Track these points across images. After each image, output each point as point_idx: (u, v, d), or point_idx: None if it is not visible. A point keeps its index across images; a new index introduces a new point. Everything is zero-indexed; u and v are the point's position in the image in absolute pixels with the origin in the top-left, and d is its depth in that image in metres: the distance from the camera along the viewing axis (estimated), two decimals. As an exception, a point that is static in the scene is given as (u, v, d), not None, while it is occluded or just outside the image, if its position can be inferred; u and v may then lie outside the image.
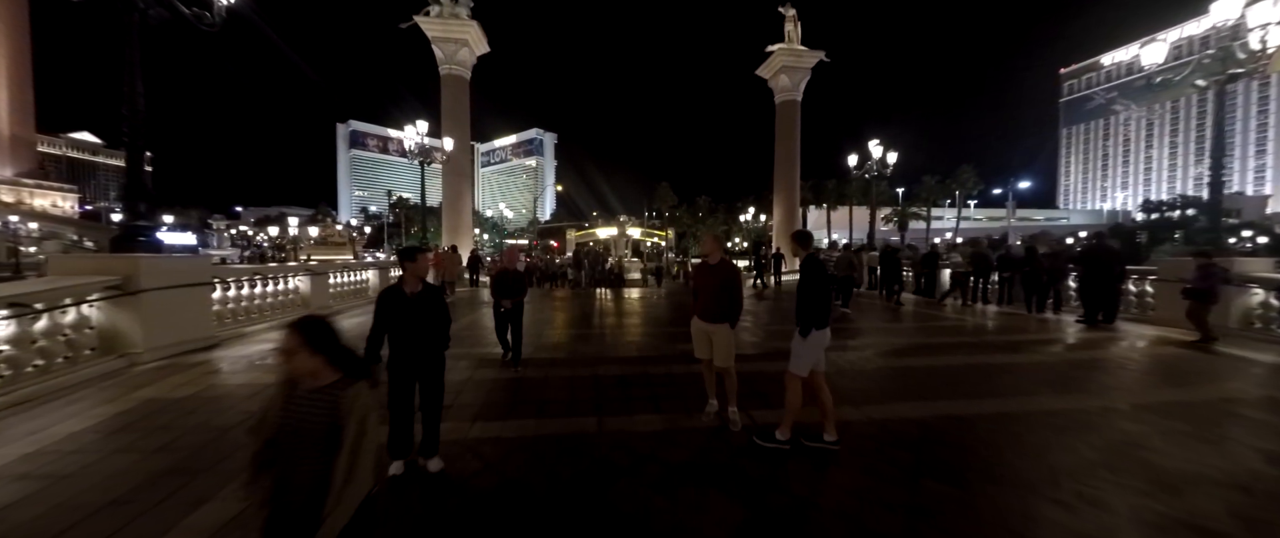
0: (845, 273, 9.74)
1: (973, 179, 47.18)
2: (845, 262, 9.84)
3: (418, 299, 2.89)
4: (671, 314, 9.59)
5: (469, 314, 9.15)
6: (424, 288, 2.94)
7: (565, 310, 10.10)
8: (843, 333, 7.35)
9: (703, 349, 3.87)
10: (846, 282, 9.64)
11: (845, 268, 9.69)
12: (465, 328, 7.77)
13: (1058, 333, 7.38)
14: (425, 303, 2.90)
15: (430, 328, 2.93)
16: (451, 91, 23.99)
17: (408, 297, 2.88)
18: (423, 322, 2.89)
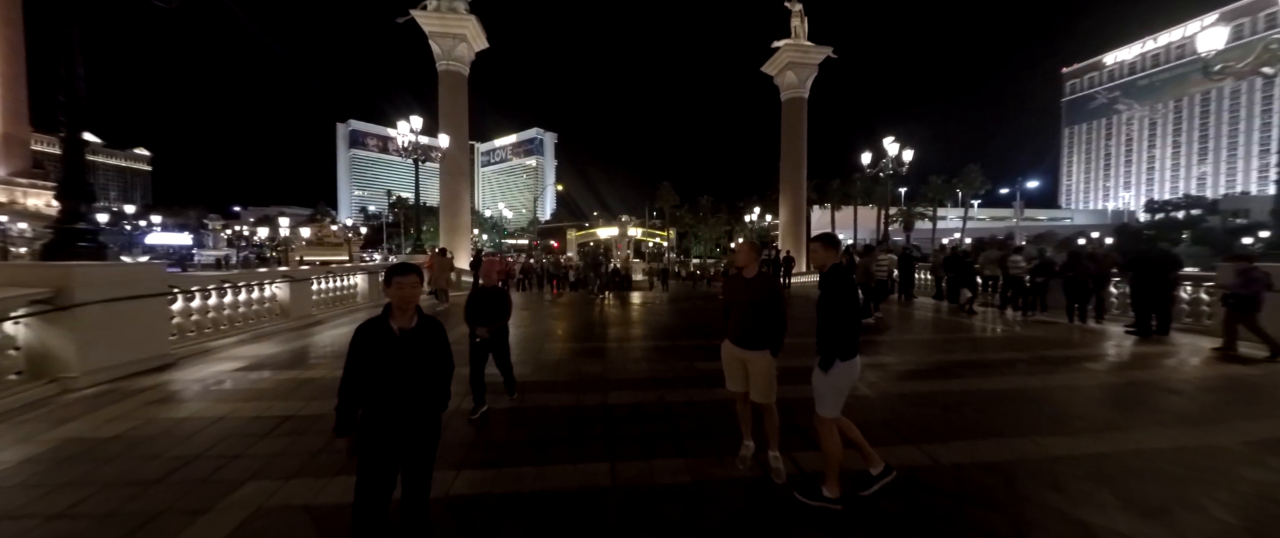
0: (862, 280, 9.06)
1: (979, 179, 46.48)
2: (862, 268, 9.16)
3: (409, 340, 2.04)
4: (682, 323, 8.92)
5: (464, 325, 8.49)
6: (419, 322, 2.09)
7: (567, 320, 9.42)
8: (875, 347, 6.65)
9: (736, 380, 3.18)
10: (881, 288, 8.98)
11: (862, 275, 9.01)
12: (458, 341, 7.11)
13: (1116, 347, 6.68)
14: (420, 345, 2.06)
15: (425, 381, 2.08)
16: (449, 88, 23.33)
17: (395, 336, 2.03)
18: (415, 372, 2.04)
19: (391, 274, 2.07)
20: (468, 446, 3.38)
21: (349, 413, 2.02)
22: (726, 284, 3.31)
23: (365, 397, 2.02)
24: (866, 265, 9.38)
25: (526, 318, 9.46)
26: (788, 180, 29.04)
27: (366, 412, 2.02)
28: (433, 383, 2.12)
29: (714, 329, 8.11)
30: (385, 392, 2.00)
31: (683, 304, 12.71)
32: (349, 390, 2.02)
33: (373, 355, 2.00)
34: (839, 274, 2.82)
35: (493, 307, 4.06)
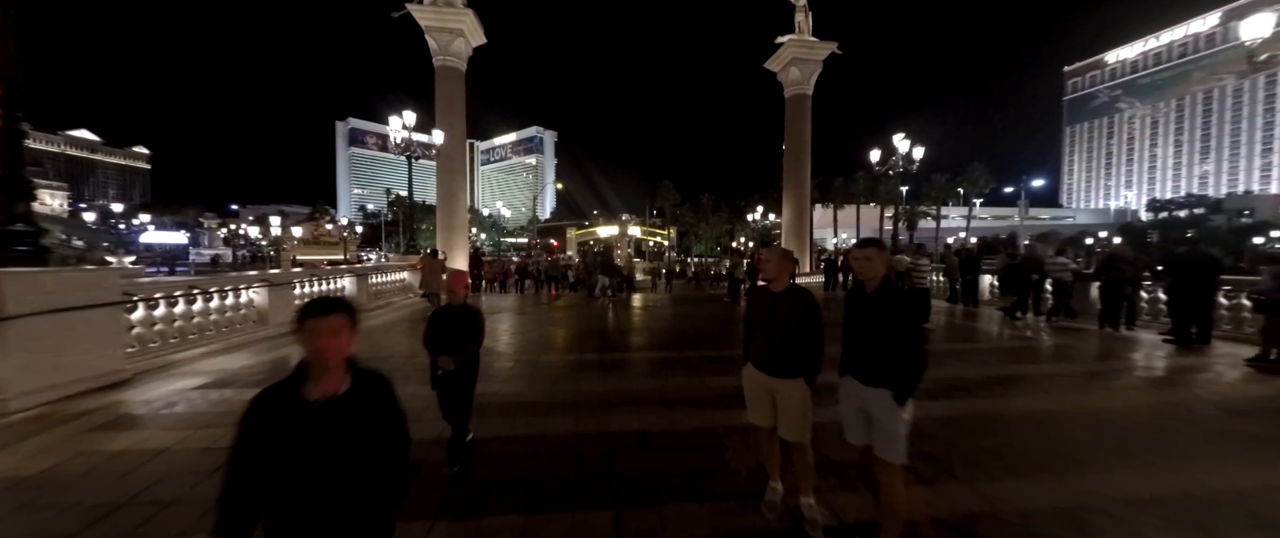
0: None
1: (984, 177, 45.96)
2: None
3: (333, 415, 1.32)
4: (689, 329, 8.41)
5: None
6: (353, 386, 1.39)
7: (565, 326, 8.92)
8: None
9: (762, 412, 2.68)
10: (923, 297, 8.47)
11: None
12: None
13: (1162, 359, 6.18)
14: (351, 421, 1.35)
15: (362, 475, 1.35)
16: (446, 84, 22.76)
17: (310, 410, 1.30)
18: (344, 463, 1.32)
19: (304, 315, 1.33)
20: (443, 489, 2.88)
21: (234, 528, 1.26)
22: (753, 301, 2.80)
23: (266, 508, 1.28)
24: (896, 269, 8.89)
25: (521, 325, 9.00)
26: (791, 178, 28.50)
27: (271, 529, 1.29)
28: (375, 477, 1.37)
29: (723, 338, 7.63)
30: (297, 498, 1.27)
31: (688, 307, 12.28)
32: (234, 502, 1.26)
33: (275, 443, 1.27)
34: (899, 289, 2.36)
35: (460, 330, 3.11)
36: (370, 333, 7.80)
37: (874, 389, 2.28)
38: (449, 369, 3.00)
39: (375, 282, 11.16)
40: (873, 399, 2.28)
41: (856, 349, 2.38)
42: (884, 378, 2.25)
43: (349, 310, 1.41)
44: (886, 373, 2.25)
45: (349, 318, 1.40)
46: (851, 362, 2.41)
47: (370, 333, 7.80)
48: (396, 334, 7.76)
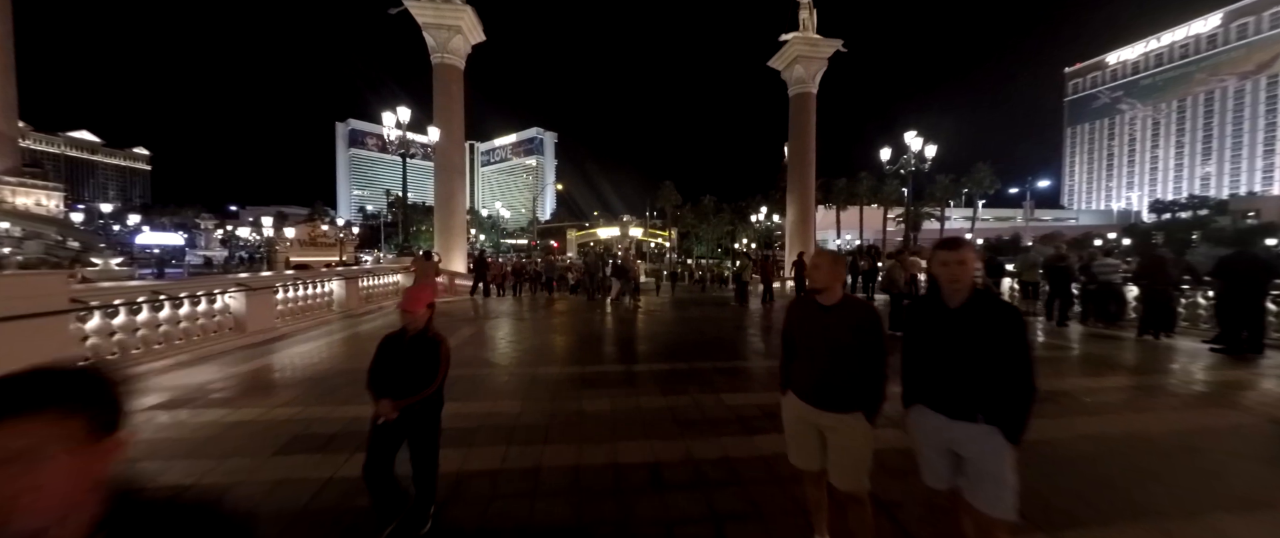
0: (899, 289, 8.02)
1: (989, 178, 45.49)
2: (908, 275, 8.13)
3: None
4: (696, 336, 7.93)
5: (448, 339, 7.47)
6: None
7: (564, 334, 8.42)
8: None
9: (806, 453, 2.18)
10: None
11: (907, 283, 7.98)
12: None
13: (1222, 370, 5.66)
14: None
15: None
16: (444, 82, 22.32)
17: None
18: None
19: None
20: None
21: None
22: (794, 314, 2.28)
23: None
24: (913, 271, 8.37)
25: (518, 331, 8.49)
26: (795, 179, 28.03)
27: None
28: None
29: (735, 346, 7.12)
30: None
31: (693, 311, 11.78)
32: None
33: None
34: (1001, 301, 1.86)
35: (413, 365, 2.29)
36: (356, 340, 7.31)
37: (970, 425, 1.77)
38: (390, 418, 2.19)
39: (367, 285, 10.66)
40: (967, 438, 1.78)
41: (938, 374, 1.87)
42: (986, 411, 1.75)
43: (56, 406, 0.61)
44: (989, 404, 1.75)
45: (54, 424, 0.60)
46: (929, 389, 1.91)
47: (356, 340, 7.31)
48: None
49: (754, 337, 8.03)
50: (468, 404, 4.28)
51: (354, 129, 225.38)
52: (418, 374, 2.29)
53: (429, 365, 2.32)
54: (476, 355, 6.27)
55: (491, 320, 9.87)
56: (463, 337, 7.60)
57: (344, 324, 8.51)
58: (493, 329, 8.58)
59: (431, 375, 2.31)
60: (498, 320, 9.77)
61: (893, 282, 7.81)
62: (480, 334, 7.94)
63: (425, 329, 2.39)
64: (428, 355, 2.34)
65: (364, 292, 10.44)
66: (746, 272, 12.71)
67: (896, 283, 7.87)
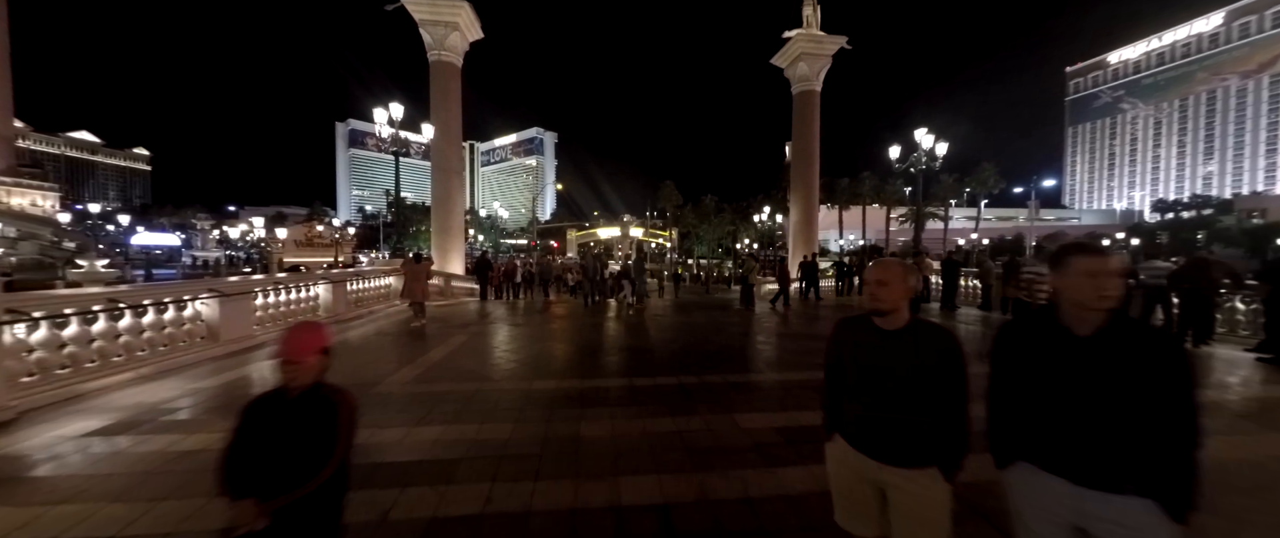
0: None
1: (994, 177, 45.01)
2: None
3: None
4: (703, 343, 7.48)
5: (438, 348, 7.00)
6: None
7: (562, 341, 7.96)
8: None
9: (861, 516, 1.72)
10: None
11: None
12: (400, 375, 5.64)
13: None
14: None
15: None
16: (441, 80, 21.88)
17: None
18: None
19: None
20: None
21: None
22: (845, 339, 1.80)
23: None
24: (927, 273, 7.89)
25: (514, 338, 8.01)
26: (799, 178, 27.58)
27: None
28: None
29: (747, 356, 6.66)
30: None
31: (698, 316, 11.25)
32: None
33: None
34: (1151, 329, 1.40)
35: (294, 442, 1.50)
36: (343, 350, 6.86)
37: (1114, 497, 1.30)
38: (253, 528, 1.41)
39: (356, 288, 10.17)
40: (1109, 514, 1.30)
41: (1061, 425, 1.40)
42: (1137, 479, 1.28)
43: None
44: (1141, 470, 1.28)
45: None
46: (1045, 445, 1.43)
47: (343, 350, 6.86)
48: (370, 353, 6.79)
49: (765, 345, 7.59)
50: (453, 428, 3.82)
51: (354, 129, 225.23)
52: (300, 456, 1.48)
53: (318, 442, 1.50)
54: (468, 368, 5.80)
55: (488, 326, 9.40)
56: (453, 346, 7.09)
57: (334, 329, 8.11)
58: (488, 336, 8.11)
59: (322, 458, 1.48)
60: (494, 326, 9.31)
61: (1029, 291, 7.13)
62: (473, 343, 7.44)
63: (318, 386, 1.57)
64: (317, 426, 1.52)
65: (353, 295, 9.96)
66: (752, 274, 12.19)
67: (1034, 295, 7.13)
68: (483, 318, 10.59)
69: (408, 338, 7.69)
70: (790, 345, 7.52)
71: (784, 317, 10.75)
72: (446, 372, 5.50)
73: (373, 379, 5.12)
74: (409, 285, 8.61)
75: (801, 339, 7.96)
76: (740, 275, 12.23)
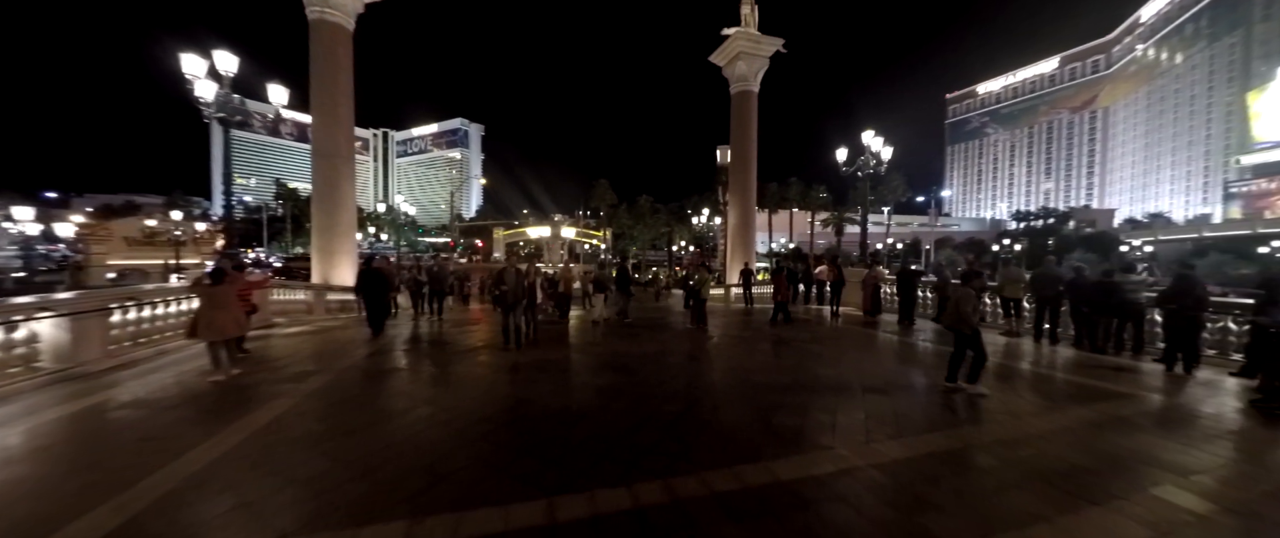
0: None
1: (902, 186, 49.24)
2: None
3: None
4: (655, 395, 5.28)
5: (213, 441, 4.08)
6: None
7: (443, 405, 4.95)
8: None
9: None
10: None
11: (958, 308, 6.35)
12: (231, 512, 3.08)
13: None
14: None
15: None
16: (324, 45, 17.86)
17: None
18: None
19: None
20: None
21: None
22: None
23: None
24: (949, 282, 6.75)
25: (355, 405, 4.91)
26: (736, 181, 27.13)
27: None
28: None
29: (723, 416, 4.90)
30: None
31: (647, 343, 8.54)
32: None
33: None
34: None
35: None
36: (74, 430, 3.97)
37: None
38: None
39: (136, 317, 6.71)
40: None
41: None
42: None
43: None
44: None
45: None
46: None
47: (74, 430, 3.97)
48: (77, 455, 3.74)
49: (760, 394, 5.26)
50: None
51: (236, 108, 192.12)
52: None
53: None
54: (247, 491, 3.11)
55: (342, 374, 6.13)
56: (250, 428, 4.17)
57: (60, 395, 4.93)
58: (329, 398, 5.11)
59: None
60: (350, 376, 6.06)
61: (962, 316, 5.18)
62: (293, 419, 4.47)
63: None
64: None
65: (130, 328, 6.59)
66: (705, 286, 10.60)
67: (966, 317, 5.17)
68: (340, 357, 7.15)
69: (186, 408, 4.77)
70: (799, 397, 5.12)
71: (775, 340, 8.81)
72: (199, 503, 2.94)
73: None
74: (207, 316, 5.49)
75: (802, 385, 5.64)
76: (691, 288, 10.55)
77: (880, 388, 5.54)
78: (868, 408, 4.81)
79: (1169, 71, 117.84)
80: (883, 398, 5.16)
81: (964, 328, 5.24)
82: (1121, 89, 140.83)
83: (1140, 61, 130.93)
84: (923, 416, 4.66)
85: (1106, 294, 7.28)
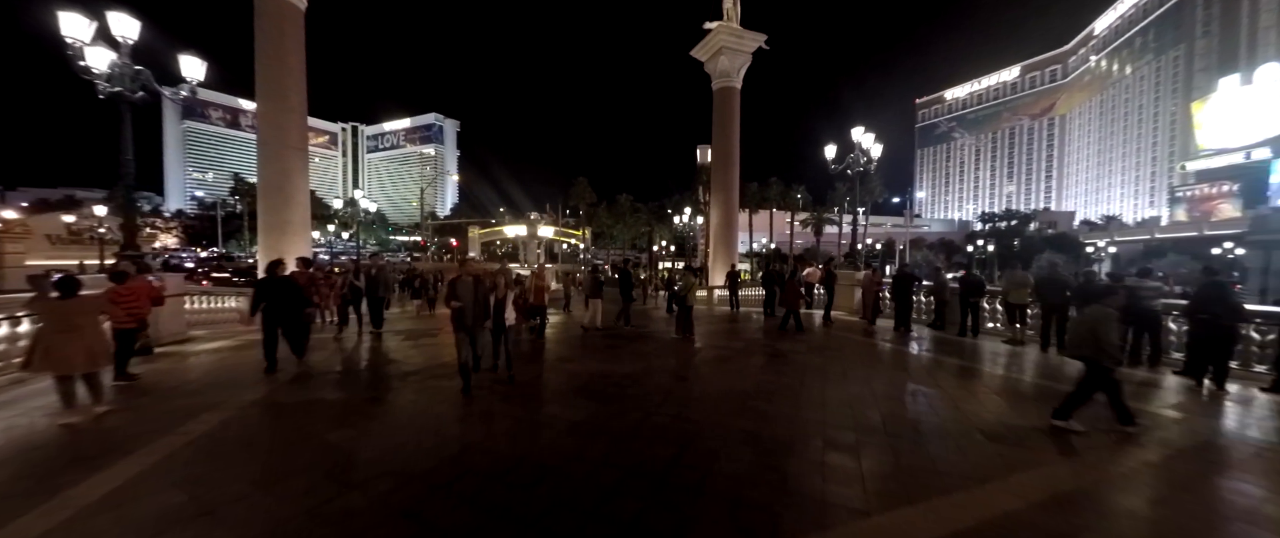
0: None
1: (879, 187, 49.86)
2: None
3: None
4: (636, 442, 4.35)
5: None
6: None
7: (344, 482, 4.09)
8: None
9: None
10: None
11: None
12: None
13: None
14: None
15: None
16: (270, 20, 16.19)
17: None
18: None
19: None
20: None
21: None
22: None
23: None
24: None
25: (220, 478, 3.52)
26: (719, 179, 26.43)
27: None
28: None
29: (727, 470, 4.02)
30: None
31: (625, 358, 7.51)
32: None
33: None
34: None
35: None
36: None
37: None
38: None
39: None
40: None
41: None
42: None
43: None
44: None
45: None
46: None
47: None
48: None
49: (764, 428, 4.41)
50: None
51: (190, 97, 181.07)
52: None
53: None
54: None
55: (241, 407, 4.88)
56: (90, 495, 3.09)
57: None
58: (206, 446, 3.96)
59: None
60: (249, 413, 4.80)
61: (1103, 345, 4.33)
62: (163, 469, 3.50)
63: None
64: None
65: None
66: (691, 292, 9.62)
67: (1109, 347, 4.34)
68: (247, 386, 5.68)
69: (5, 469, 3.55)
70: (810, 430, 4.32)
71: (770, 353, 7.92)
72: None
73: None
74: (48, 341, 4.18)
75: (812, 415, 4.75)
76: (676, 294, 9.59)
77: (906, 419, 4.79)
78: (898, 447, 4.00)
79: (1120, 81, 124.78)
80: (911, 432, 4.39)
81: (1104, 360, 4.28)
82: (1077, 97, 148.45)
83: (1094, 72, 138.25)
84: (961, 459, 3.88)
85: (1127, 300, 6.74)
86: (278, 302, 6.18)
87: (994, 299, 9.35)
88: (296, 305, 6.46)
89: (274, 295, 6.19)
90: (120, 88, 7.00)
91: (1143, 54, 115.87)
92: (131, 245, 8.27)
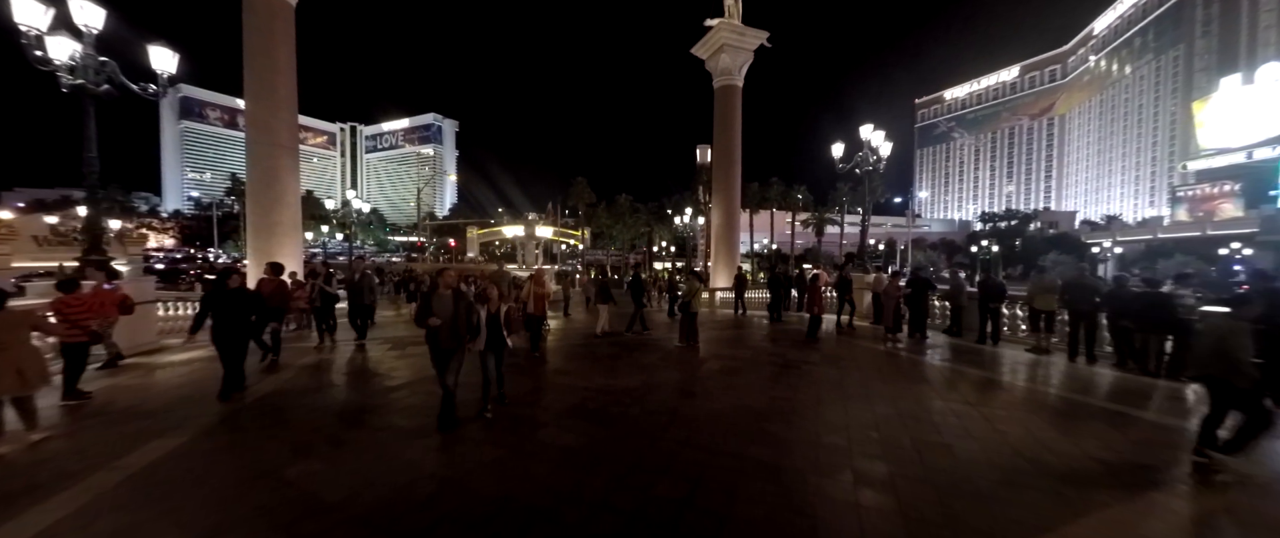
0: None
1: (880, 187, 49.42)
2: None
3: None
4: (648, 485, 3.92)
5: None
6: None
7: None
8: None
9: None
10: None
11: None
12: None
13: None
14: None
15: None
16: (260, 15, 15.72)
17: None
18: None
19: None
20: None
21: None
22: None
23: None
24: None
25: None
26: (720, 178, 25.97)
27: None
28: None
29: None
30: None
31: (624, 372, 6.93)
32: None
33: None
34: None
35: None
36: None
37: None
38: None
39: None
40: None
41: None
42: None
43: None
44: None
45: None
46: None
47: None
48: None
49: (784, 457, 3.91)
50: None
51: (188, 97, 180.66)
52: None
53: None
54: None
55: (198, 431, 4.35)
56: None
57: None
58: (150, 479, 3.47)
59: None
60: (208, 438, 4.28)
61: (1235, 362, 3.64)
62: (93, 510, 3.07)
63: None
64: None
65: None
66: (696, 298, 8.67)
67: (1241, 365, 3.64)
68: (207, 405, 5.17)
69: None
70: (837, 458, 3.88)
71: (782, 364, 7.27)
72: None
73: None
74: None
75: (837, 440, 4.24)
76: (681, 301, 8.98)
77: (941, 446, 4.28)
78: (937, 482, 3.50)
79: (1119, 81, 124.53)
80: (949, 463, 3.89)
81: (1237, 380, 3.55)
82: (1076, 97, 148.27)
83: (1093, 72, 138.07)
84: (1012, 495, 3.38)
85: (1156, 309, 6.27)
86: (228, 316, 5.35)
87: (1013, 304, 8.88)
88: (249, 320, 5.62)
89: (223, 309, 5.36)
90: (83, 80, 6.50)
91: (1142, 54, 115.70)
92: (97, 249, 7.75)
